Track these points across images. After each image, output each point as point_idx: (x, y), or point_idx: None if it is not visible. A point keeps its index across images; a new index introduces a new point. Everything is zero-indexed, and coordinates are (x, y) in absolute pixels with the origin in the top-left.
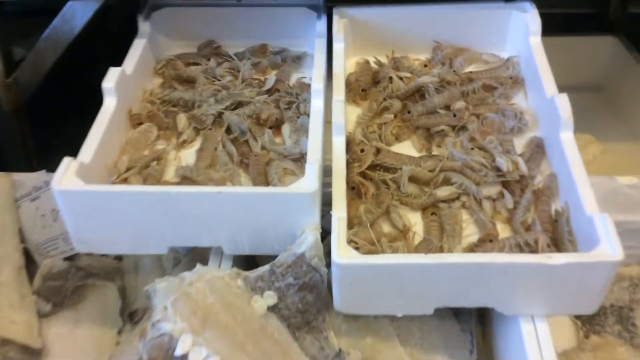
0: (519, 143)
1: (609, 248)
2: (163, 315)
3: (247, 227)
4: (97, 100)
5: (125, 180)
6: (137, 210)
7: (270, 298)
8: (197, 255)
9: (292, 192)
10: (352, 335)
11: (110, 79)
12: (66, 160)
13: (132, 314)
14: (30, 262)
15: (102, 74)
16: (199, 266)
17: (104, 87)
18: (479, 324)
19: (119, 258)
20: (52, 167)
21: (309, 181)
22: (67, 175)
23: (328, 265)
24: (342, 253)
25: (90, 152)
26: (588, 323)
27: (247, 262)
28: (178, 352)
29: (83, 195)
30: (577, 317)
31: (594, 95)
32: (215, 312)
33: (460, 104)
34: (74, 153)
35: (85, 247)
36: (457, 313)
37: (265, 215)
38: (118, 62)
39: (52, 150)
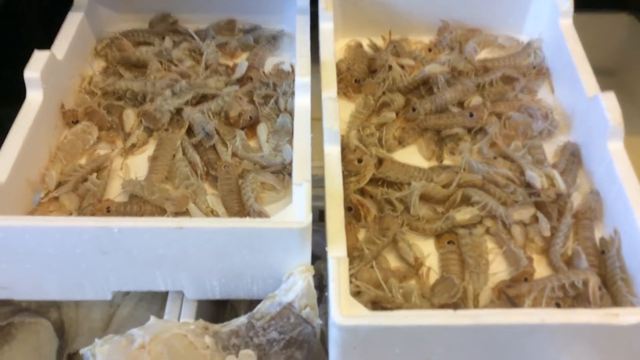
0: (549, 149)
1: None
2: None
3: (216, 268)
4: (19, 90)
5: (55, 200)
6: (67, 249)
7: (249, 358)
8: None
9: (278, 227)
10: None
11: (35, 67)
12: None
13: (72, 356)
14: None
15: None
16: (153, 319)
17: (26, 78)
18: None
19: None
20: None
21: (298, 211)
22: None
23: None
24: (346, 310)
25: (6, 167)
26: None
27: (217, 305)
28: None
29: None
30: None
31: (606, 81)
32: None
33: (476, 100)
34: None
35: (3, 292)
36: None
37: (241, 254)
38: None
39: None
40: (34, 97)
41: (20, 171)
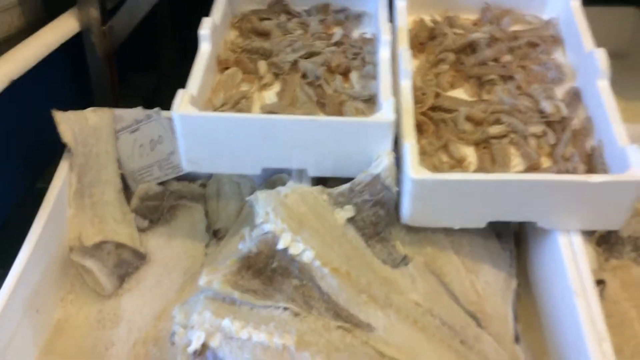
0: (559, 92)
1: (639, 171)
2: (266, 219)
3: (332, 152)
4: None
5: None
6: (242, 134)
7: (349, 211)
8: (269, 185)
9: (375, 121)
10: (414, 245)
11: (206, 27)
12: (181, 91)
13: (215, 232)
14: (124, 187)
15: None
16: (290, 182)
17: (200, 34)
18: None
19: (203, 185)
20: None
21: (387, 113)
22: (183, 103)
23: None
24: (417, 171)
25: (196, 87)
26: (608, 250)
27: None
28: (280, 246)
29: (199, 119)
30: (599, 244)
31: (617, 62)
32: (308, 219)
33: (507, 57)
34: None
35: (193, 166)
36: (499, 235)
37: (350, 142)
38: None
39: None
40: (205, 48)
41: (200, 93)
